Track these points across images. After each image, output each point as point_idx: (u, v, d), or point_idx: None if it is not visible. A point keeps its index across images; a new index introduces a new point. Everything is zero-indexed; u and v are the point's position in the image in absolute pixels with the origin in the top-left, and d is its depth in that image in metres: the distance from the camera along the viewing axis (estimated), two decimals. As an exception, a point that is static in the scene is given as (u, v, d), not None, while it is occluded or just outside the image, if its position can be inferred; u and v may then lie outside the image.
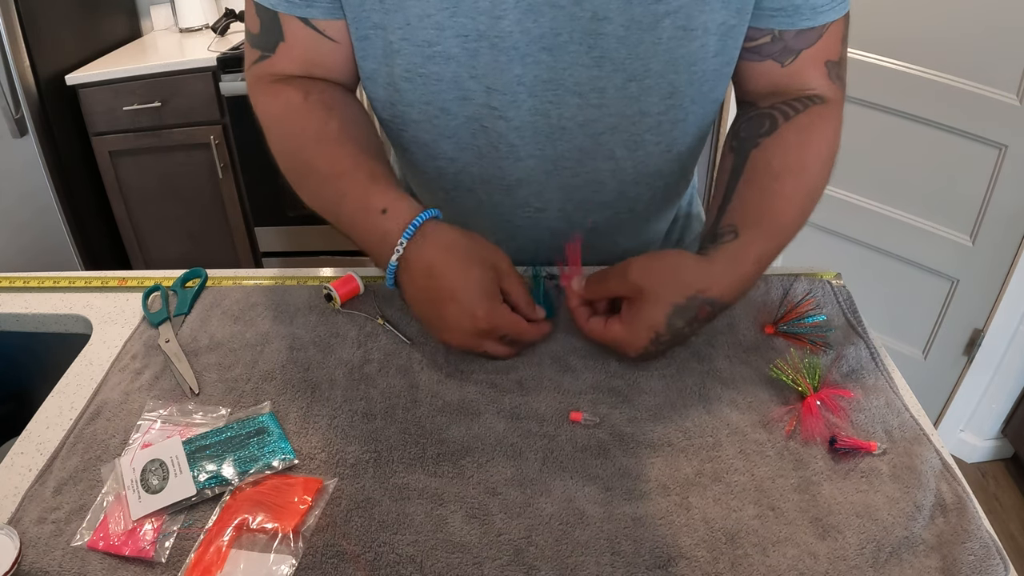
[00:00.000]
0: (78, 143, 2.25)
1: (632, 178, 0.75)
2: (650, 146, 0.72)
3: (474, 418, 0.62)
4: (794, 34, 0.67)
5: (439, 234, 0.63)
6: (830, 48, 0.69)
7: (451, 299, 0.62)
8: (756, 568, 0.50)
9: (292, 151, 0.70)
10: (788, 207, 0.67)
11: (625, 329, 0.63)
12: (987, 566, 0.50)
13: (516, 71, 0.65)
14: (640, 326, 0.62)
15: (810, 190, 0.68)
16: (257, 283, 0.80)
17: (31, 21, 2.00)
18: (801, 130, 0.68)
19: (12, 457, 0.61)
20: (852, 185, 1.83)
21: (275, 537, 0.53)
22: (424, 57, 0.65)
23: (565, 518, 0.54)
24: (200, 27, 2.52)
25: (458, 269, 0.62)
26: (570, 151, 0.71)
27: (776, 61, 0.69)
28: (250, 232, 2.45)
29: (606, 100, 0.67)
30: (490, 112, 0.68)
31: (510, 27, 0.62)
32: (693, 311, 0.62)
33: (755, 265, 0.64)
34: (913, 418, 0.62)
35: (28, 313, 0.79)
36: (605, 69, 0.65)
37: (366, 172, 0.66)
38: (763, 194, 0.67)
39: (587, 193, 0.76)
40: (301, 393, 0.65)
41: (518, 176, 0.73)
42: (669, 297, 0.61)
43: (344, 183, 0.66)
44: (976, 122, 1.57)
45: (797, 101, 0.70)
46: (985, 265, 1.66)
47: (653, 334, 0.62)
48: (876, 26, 1.65)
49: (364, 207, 0.65)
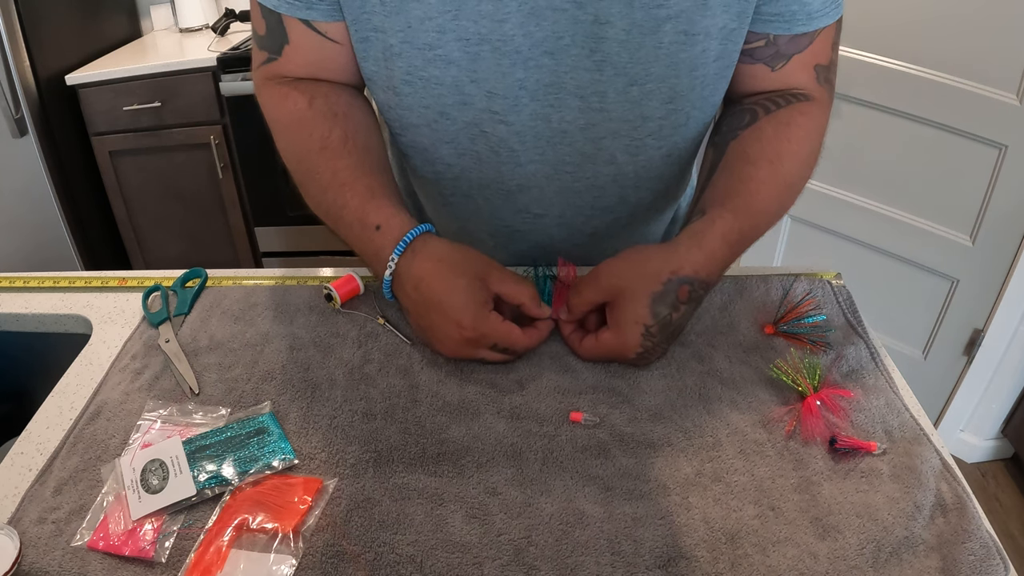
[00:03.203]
0: (78, 143, 2.25)
1: (633, 183, 0.75)
2: (651, 150, 0.71)
3: (474, 418, 0.62)
4: (788, 39, 0.67)
5: (428, 248, 0.64)
6: (820, 53, 0.69)
7: (438, 310, 0.63)
8: (756, 568, 0.50)
9: (297, 158, 0.71)
10: (760, 190, 0.66)
11: (614, 334, 0.63)
12: (987, 566, 0.50)
13: (518, 75, 0.65)
14: (627, 325, 0.62)
15: (786, 181, 0.68)
16: (257, 283, 0.80)
17: (31, 21, 2.00)
18: (780, 123, 0.68)
19: (12, 457, 0.61)
20: (852, 185, 1.83)
21: (275, 537, 0.53)
22: (424, 60, 0.65)
23: (565, 518, 0.54)
24: (200, 27, 2.52)
25: (444, 280, 0.62)
26: (571, 156, 0.71)
27: (767, 65, 0.70)
28: (250, 232, 2.46)
29: (607, 104, 0.67)
30: (491, 117, 0.68)
31: (512, 31, 0.62)
32: (672, 294, 0.62)
33: (722, 241, 0.64)
34: (913, 418, 0.62)
35: (28, 313, 0.79)
36: (606, 73, 0.64)
37: (364, 185, 0.67)
38: (734, 178, 0.67)
39: (588, 198, 0.75)
40: (301, 393, 0.65)
41: (518, 181, 0.73)
42: (645, 288, 0.61)
43: (344, 195, 0.67)
44: (976, 122, 1.56)
45: (780, 97, 0.70)
46: (985, 265, 1.66)
47: (642, 328, 0.62)
48: (876, 26, 1.65)
49: (361, 222, 0.66)
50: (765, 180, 0.67)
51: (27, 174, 2.12)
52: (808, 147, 0.69)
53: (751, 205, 0.66)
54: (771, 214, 0.68)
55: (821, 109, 0.71)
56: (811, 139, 0.70)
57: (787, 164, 0.68)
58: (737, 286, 0.76)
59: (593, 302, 0.65)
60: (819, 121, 0.71)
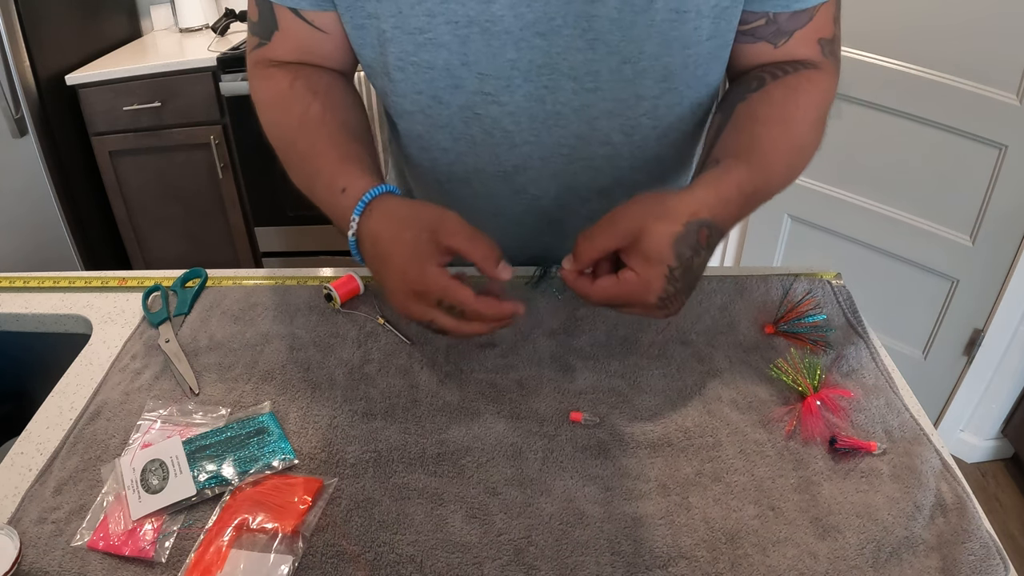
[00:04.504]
0: (78, 143, 2.25)
1: (629, 164, 0.75)
2: (646, 130, 0.72)
3: (474, 418, 0.62)
4: (788, 16, 0.67)
5: (383, 205, 0.62)
6: (822, 27, 0.69)
7: (387, 263, 0.61)
8: (756, 568, 0.50)
9: (279, 133, 0.72)
10: (772, 149, 0.65)
11: (638, 275, 0.58)
12: (987, 566, 0.50)
13: (510, 55, 0.66)
14: (651, 265, 0.58)
15: (797, 143, 0.68)
16: (257, 283, 0.80)
17: (31, 21, 2.00)
18: (788, 88, 0.68)
19: (12, 457, 0.61)
20: (852, 185, 1.83)
21: (275, 537, 0.53)
22: (416, 45, 0.66)
23: (565, 518, 0.54)
24: (200, 27, 2.52)
25: (392, 234, 0.61)
26: (566, 136, 0.71)
27: (769, 43, 0.70)
28: (250, 232, 2.45)
29: (601, 84, 0.67)
30: (483, 98, 0.69)
31: (501, 11, 0.63)
32: (693, 236, 0.58)
33: (737, 190, 0.61)
34: (913, 418, 0.62)
35: (28, 313, 0.79)
36: (599, 52, 0.65)
37: (338, 153, 0.67)
38: (745, 135, 0.66)
39: (584, 180, 0.76)
40: (301, 393, 0.65)
41: (514, 163, 0.74)
42: (667, 228, 0.58)
43: (318, 163, 0.67)
44: (976, 122, 1.56)
45: (788, 64, 0.70)
46: (985, 265, 1.66)
47: (666, 269, 0.58)
48: (877, 26, 1.65)
49: (330, 186, 0.65)
50: (776, 140, 0.66)
51: (27, 174, 2.12)
52: (816, 113, 0.69)
53: (764, 162, 0.64)
54: (782, 175, 0.67)
55: (828, 78, 0.71)
56: (819, 106, 0.69)
57: (797, 127, 0.67)
58: (737, 286, 0.76)
59: (606, 248, 0.60)
60: (827, 89, 0.70)
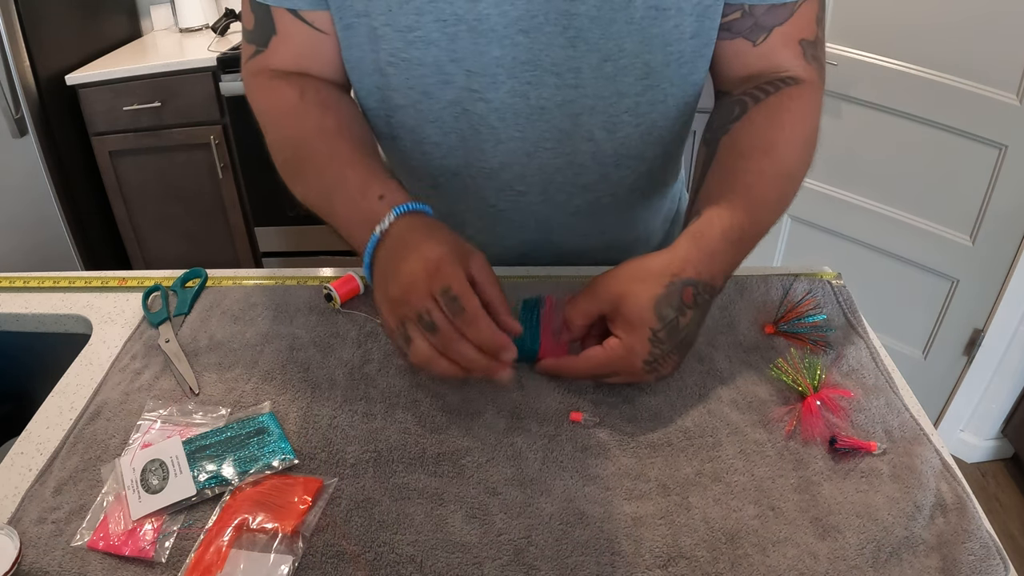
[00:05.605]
0: (78, 143, 2.25)
1: (613, 160, 0.75)
2: (629, 127, 0.72)
3: (474, 418, 0.62)
4: (764, 9, 0.67)
5: (424, 218, 0.62)
6: (803, 27, 0.69)
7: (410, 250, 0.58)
8: (756, 568, 0.50)
9: (293, 145, 0.70)
10: (757, 182, 0.65)
11: (622, 341, 0.60)
12: (987, 566, 0.50)
13: (495, 53, 0.66)
14: (633, 329, 0.59)
15: (783, 170, 0.67)
16: (257, 283, 0.80)
17: (31, 21, 2.00)
18: (770, 111, 0.67)
19: (12, 457, 0.61)
20: (852, 185, 1.83)
21: (275, 537, 0.53)
22: (406, 42, 0.67)
23: (565, 518, 0.54)
24: (200, 27, 2.52)
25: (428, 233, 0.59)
26: (549, 132, 0.72)
27: (747, 39, 0.69)
28: (250, 232, 2.46)
29: (582, 80, 0.68)
30: (470, 95, 0.69)
31: (487, 10, 0.64)
32: (677, 296, 0.59)
33: (723, 240, 0.61)
34: (913, 418, 0.62)
35: (28, 313, 0.79)
36: (580, 49, 0.66)
37: (365, 165, 0.66)
38: (728, 173, 0.66)
39: (568, 175, 0.76)
40: (301, 393, 0.65)
41: (500, 159, 0.74)
42: (648, 290, 0.59)
43: (344, 171, 0.65)
44: (976, 122, 1.56)
45: (768, 84, 0.69)
46: (985, 265, 1.66)
47: (649, 332, 0.59)
48: (876, 26, 1.65)
49: (363, 192, 0.63)
50: (761, 172, 0.66)
51: (27, 174, 2.12)
52: (802, 132, 0.68)
53: (749, 199, 0.64)
54: (772, 206, 0.66)
55: (812, 91, 0.70)
56: (804, 123, 0.68)
57: (782, 152, 0.67)
58: (737, 286, 0.76)
59: (591, 313, 0.62)
60: (811, 103, 0.69)
